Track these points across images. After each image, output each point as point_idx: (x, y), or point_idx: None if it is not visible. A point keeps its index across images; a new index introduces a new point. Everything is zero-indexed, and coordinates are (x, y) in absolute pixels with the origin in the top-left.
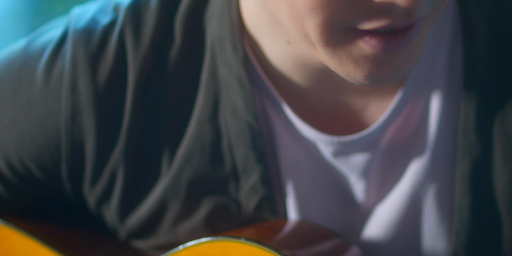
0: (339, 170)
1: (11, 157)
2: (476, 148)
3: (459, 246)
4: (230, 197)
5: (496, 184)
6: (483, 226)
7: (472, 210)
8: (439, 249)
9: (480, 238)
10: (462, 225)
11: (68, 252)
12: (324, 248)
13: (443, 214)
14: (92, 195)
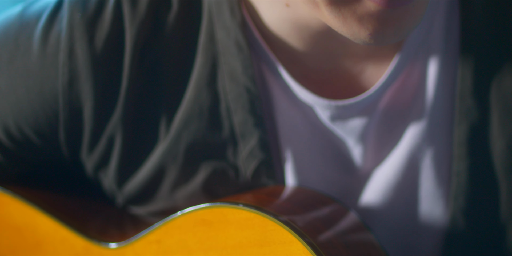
0: (337, 135)
1: (8, 123)
2: (473, 112)
3: (457, 211)
4: (228, 162)
5: (494, 148)
6: (481, 190)
7: (469, 174)
8: (436, 214)
9: (478, 202)
10: (460, 190)
11: (66, 218)
12: (322, 214)
13: (441, 178)
14: (90, 161)
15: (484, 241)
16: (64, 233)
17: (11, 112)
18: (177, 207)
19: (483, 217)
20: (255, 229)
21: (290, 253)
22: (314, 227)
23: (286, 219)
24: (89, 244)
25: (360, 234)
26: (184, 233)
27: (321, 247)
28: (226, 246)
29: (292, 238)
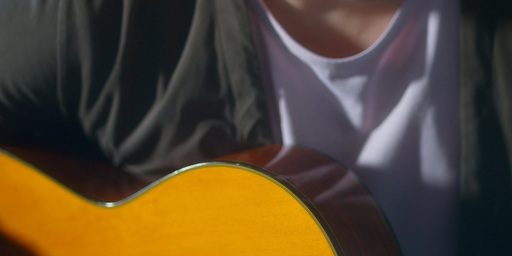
0: (336, 94)
1: (6, 83)
2: (478, 72)
3: (469, 173)
4: (225, 121)
5: (501, 108)
6: (491, 151)
7: (478, 136)
8: (439, 173)
9: (489, 164)
10: (470, 152)
11: (62, 178)
12: (320, 173)
13: (442, 137)
14: (88, 120)
15: (497, 202)
16: (61, 193)
17: (9, 71)
18: (174, 166)
19: (495, 179)
20: (251, 188)
21: (287, 212)
22: (311, 186)
23: (283, 178)
24: (85, 203)
25: (358, 195)
26: (181, 192)
27: (318, 207)
28: (223, 205)
29: (289, 197)
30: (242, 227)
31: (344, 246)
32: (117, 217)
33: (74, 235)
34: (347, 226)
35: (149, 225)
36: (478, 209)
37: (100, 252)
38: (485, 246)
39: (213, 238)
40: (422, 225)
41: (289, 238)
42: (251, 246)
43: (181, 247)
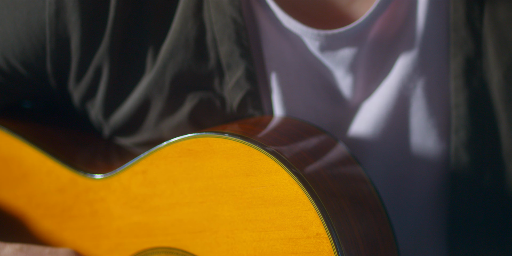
0: (326, 65)
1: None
2: (468, 43)
3: (459, 144)
4: (214, 92)
5: (491, 79)
6: (481, 122)
7: (468, 107)
8: (429, 143)
9: (479, 135)
10: (460, 123)
11: (52, 150)
12: (309, 144)
13: (432, 108)
14: (77, 92)
15: (487, 173)
16: (50, 165)
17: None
18: (163, 138)
19: (485, 149)
20: (240, 159)
21: (276, 182)
22: (301, 157)
23: (272, 149)
24: (75, 175)
25: (348, 166)
26: (170, 163)
27: (307, 177)
28: (212, 176)
29: (278, 167)
30: (231, 197)
31: (333, 216)
32: (107, 189)
33: (64, 207)
34: (336, 196)
35: (138, 196)
36: (468, 180)
37: (89, 223)
38: (475, 216)
39: (202, 209)
40: (412, 196)
41: (278, 209)
42: (240, 216)
43: (170, 218)
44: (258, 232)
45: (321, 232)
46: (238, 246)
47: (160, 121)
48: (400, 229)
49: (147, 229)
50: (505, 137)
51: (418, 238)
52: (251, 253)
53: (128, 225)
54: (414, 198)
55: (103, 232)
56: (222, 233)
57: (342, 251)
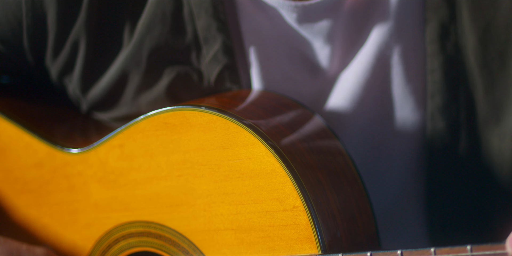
0: (304, 37)
1: None
2: (443, 8)
3: (435, 109)
4: (192, 66)
5: (466, 44)
6: (456, 87)
7: (443, 72)
8: (406, 112)
9: (454, 100)
10: (435, 87)
11: (29, 125)
12: (287, 117)
13: (410, 74)
14: (55, 67)
15: (463, 139)
16: (28, 139)
17: None
18: (141, 113)
19: (461, 115)
20: (217, 132)
21: (253, 155)
22: (278, 130)
23: (249, 122)
24: (52, 150)
25: (325, 139)
26: (147, 137)
27: (284, 150)
28: (189, 149)
29: (255, 140)
30: (208, 171)
31: (310, 189)
32: (84, 163)
33: (41, 181)
34: (313, 169)
35: (115, 170)
36: (444, 146)
37: (67, 198)
38: (452, 182)
39: (179, 183)
40: (390, 165)
41: (255, 182)
42: (217, 190)
43: (148, 192)
44: (235, 205)
45: (298, 205)
46: (215, 219)
47: (138, 95)
48: (379, 198)
49: (125, 203)
50: (480, 102)
51: (397, 205)
52: (228, 226)
53: (105, 200)
54: (393, 166)
55: (81, 206)
56: (199, 207)
57: (319, 223)
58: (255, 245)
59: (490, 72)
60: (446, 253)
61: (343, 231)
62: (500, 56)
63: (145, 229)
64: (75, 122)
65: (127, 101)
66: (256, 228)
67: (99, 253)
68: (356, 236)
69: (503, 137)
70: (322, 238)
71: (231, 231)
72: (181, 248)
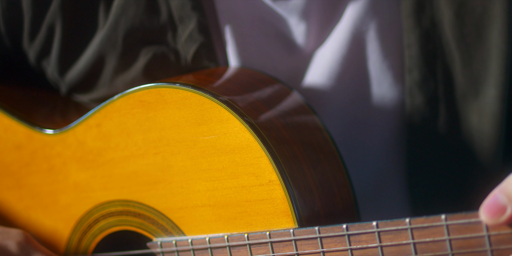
0: (279, 13)
1: None
2: None
3: (413, 84)
4: (168, 46)
5: (442, 18)
6: (433, 62)
7: (420, 46)
8: (384, 88)
9: (432, 74)
10: (413, 62)
11: (8, 108)
12: (263, 94)
13: (386, 50)
14: (32, 50)
15: (442, 114)
16: (7, 122)
17: None
18: None
19: (439, 89)
20: (192, 108)
21: (227, 130)
22: (254, 106)
23: (224, 98)
24: (31, 131)
25: (302, 115)
26: (123, 116)
27: (259, 125)
28: (165, 127)
29: (229, 115)
30: (184, 147)
31: (285, 163)
32: (62, 144)
33: (21, 163)
34: (289, 144)
35: (93, 150)
36: (424, 121)
37: (47, 179)
38: (433, 157)
39: (156, 160)
40: (370, 140)
41: (230, 157)
42: (194, 166)
43: (126, 170)
44: (211, 181)
45: (274, 179)
46: (192, 196)
47: (115, 77)
48: (360, 174)
49: (103, 182)
50: (459, 76)
51: (379, 181)
52: (206, 202)
53: (84, 180)
54: (373, 141)
55: (61, 187)
56: (176, 184)
57: (296, 197)
58: (232, 220)
59: (467, 45)
60: (421, 223)
61: (321, 205)
62: (476, 29)
63: (124, 208)
64: (55, 104)
65: (105, 83)
66: (233, 204)
67: (79, 233)
68: (334, 210)
69: (482, 111)
70: (298, 212)
71: (209, 207)
72: (160, 226)
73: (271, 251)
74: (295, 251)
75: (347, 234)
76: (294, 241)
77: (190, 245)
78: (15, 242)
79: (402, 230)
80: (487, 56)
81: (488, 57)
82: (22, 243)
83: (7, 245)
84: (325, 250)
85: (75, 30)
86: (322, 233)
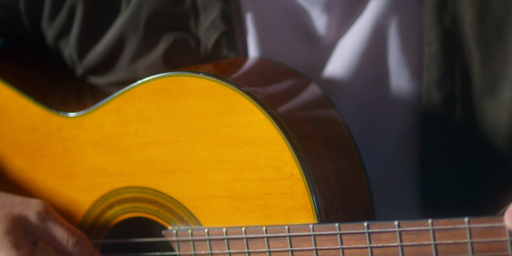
0: (301, 5)
1: None
2: None
3: (431, 81)
4: (189, 33)
5: (464, 16)
6: (452, 60)
7: (440, 44)
8: (402, 83)
9: (450, 72)
10: (432, 60)
11: (25, 89)
12: (284, 85)
13: (406, 45)
14: (51, 31)
15: (458, 111)
16: (23, 102)
17: None
18: (137, 78)
19: (456, 87)
20: (215, 98)
21: (251, 122)
22: (275, 98)
23: (247, 89)
24: (48, 113)
25: (323, 108)
26: (144, 102)
27: (282, 117)
28: (186, 115)
29: (253, 107)
30: (205, 137)
31: (307, 157)
32: (79, 127)
33: (36, 145)
34: (310, 138)
35: (111, 135)
36: (439, 117)
37: (61, 162)
38: (446, 152)
39: (175, 149)
40: (385, 134)
41: (252, 149)
42: (214, 156)
43: (143, 157)
44: (231, 172)
45: (295, 173)
46: (211, 186)
47: (134, 60)
48: (373, 166)
49: (120, 168)
50: (476, 75)
51: (391, 174)
52: (224, 193)
53: (100, 164)
54: (387, 135)
55: (75, 170)
56: (195, 173)
57: (316, 192)
58: (251, 212)
59: (487, 45)
60: (443, 225)
61: (339, 201)
62: (497, 30)
63: (140, 194)
64: (70, 86)
65: (124, 66)
66: (252, 196)
67: (92, 218)
68: (352, 206)
69: (498, 109)
70: (318, 207)
71: (227, 198)
72: (176, 215)
73: (289, 245)
74: (313, 247)
75: (367, 232)
76: (313, 237)
77: (207, 235)
78: (35, 212)
79: (424, 230)
80: (507, 57)
81: (507, 58)
82: (42, 213)
83: (26, 215)
84: (344, 247)
85: (96, 12)
86: (343, 229)
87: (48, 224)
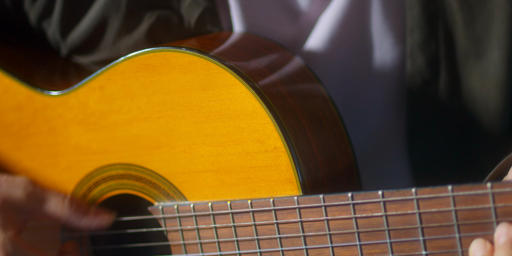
0: None
1: None
2: None
3: (414, 45)
4: (172, 10)
5: None
6: (435, 23)
7: (422, 7)
8: (386, 48)
9: (433, 36)
10: (414, 23)
11: (9, 68)
12: (268, 59)
13: (388, 10)
14: (33, 11)
15: (442, 75)
16: (7, 82)
17: None
18: (121, 57)
19: (440, 50)
20: (198, 73)
21: (233, 96)
22: (259, 72)
23: (230, 63)
24: (32, 92)
25: (307, 82)
26: (127, 79)
27: (265, 91)
28: (169, 91)
29: (236, 81)
30: (189, 112)
31: (291, 130)
32: (64, 105)
33: (21, 124)
34: (294, 110)
35: (95, 112)
36: (424, 83)
37: (47, 141)
38: (433, 119)
39: (159, 124)
40: (370, 102)
41: (236, 123)
42: (198, 131)
43: (128, 134)
44: (215, 146)
45: (279, 146)
46: (195, 161)
47: (118, 39)
48: (360, 136)
49: (105, 145)
50: (460, 38)
51: (378, 143)
52: (209, 167)
53: (85, 142)
54: (373, 103)
55: (61, 149)
56: (179, 148)
57: (300, 164)
58: (235, 186)
59: (469, 6)
60: (427, 193)
61: (324, 173)
62: None
63: (125, 171)
64: (55, 66)
65: (107, 45)
66: (236, 170)
67: (79, 195)
68: (337, 178)
69: (485, 73)
70: (303, 179)
71: (212, 172)
72: (161, 190)
73: (274, 218)
74: (298, 219)
75: (352, 203)
76: (298, 209)
77: (192, 210)
78: (22, 188)
79: (408, 200)
80: (490, 17)
81: (490, 19)
82: (28, 188)
83: (14, 193)
84: (329, 218)
85: None
86: (327, 201)
87: (36, 196)
